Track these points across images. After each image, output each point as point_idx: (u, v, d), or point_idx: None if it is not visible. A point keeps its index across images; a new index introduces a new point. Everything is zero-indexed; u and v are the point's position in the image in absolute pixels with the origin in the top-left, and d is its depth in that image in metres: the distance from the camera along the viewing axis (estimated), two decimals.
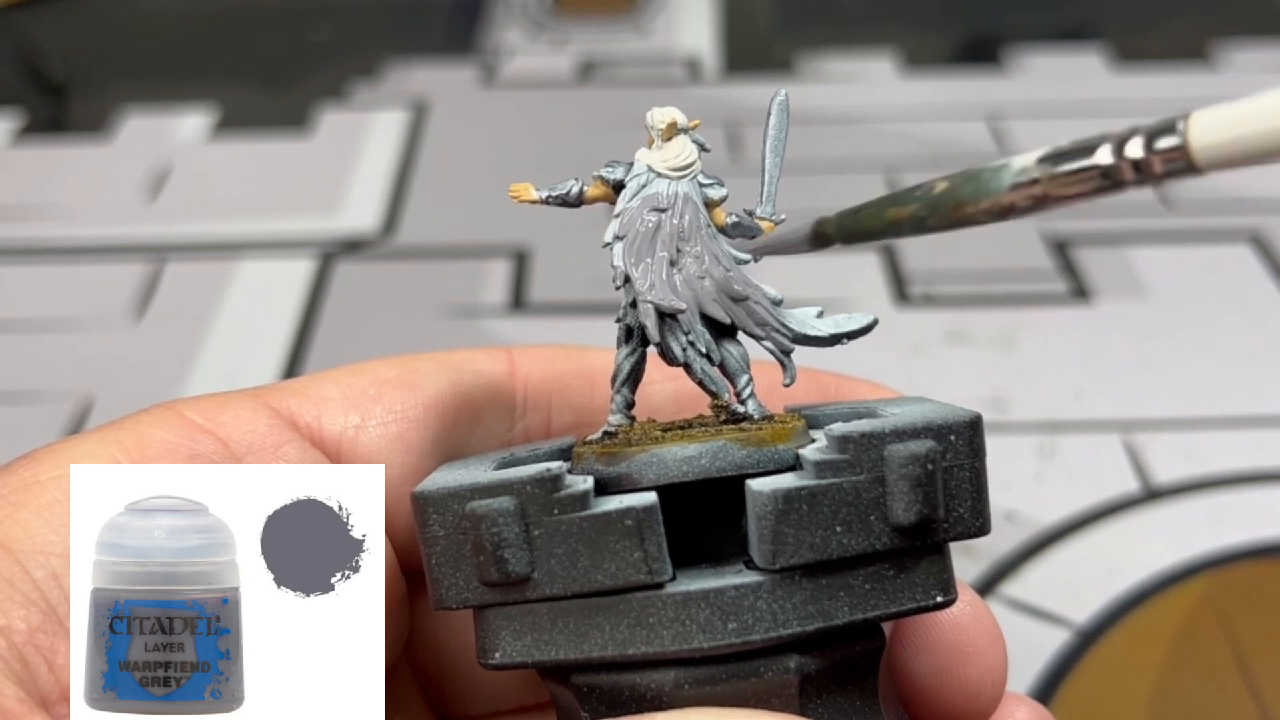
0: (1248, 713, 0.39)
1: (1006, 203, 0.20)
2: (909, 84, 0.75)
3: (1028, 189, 0.20)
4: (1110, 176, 0.19)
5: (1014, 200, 0.20)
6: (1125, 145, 0.19)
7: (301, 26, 0.84)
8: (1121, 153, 0.19)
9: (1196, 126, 0.19)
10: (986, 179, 0.21)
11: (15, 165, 0.70)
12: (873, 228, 0.22)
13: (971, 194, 0.21)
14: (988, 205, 0.21)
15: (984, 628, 0.27)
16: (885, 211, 0.22)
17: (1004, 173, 0.20)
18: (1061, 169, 0.20)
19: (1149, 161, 0.19)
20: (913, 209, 0.21)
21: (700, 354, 0.25)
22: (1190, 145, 0.18)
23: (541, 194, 0.26)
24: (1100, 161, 0.19)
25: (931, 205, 0.21)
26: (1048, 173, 0.20)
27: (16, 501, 0.23)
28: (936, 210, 0.21)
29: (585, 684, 0.23)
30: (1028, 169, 0.20)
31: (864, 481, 0.22)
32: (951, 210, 0.21)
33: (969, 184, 0.21)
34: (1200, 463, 0.47)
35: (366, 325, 0.57)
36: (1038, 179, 0.20)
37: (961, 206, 0.21)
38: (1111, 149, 0.19)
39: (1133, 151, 0.19)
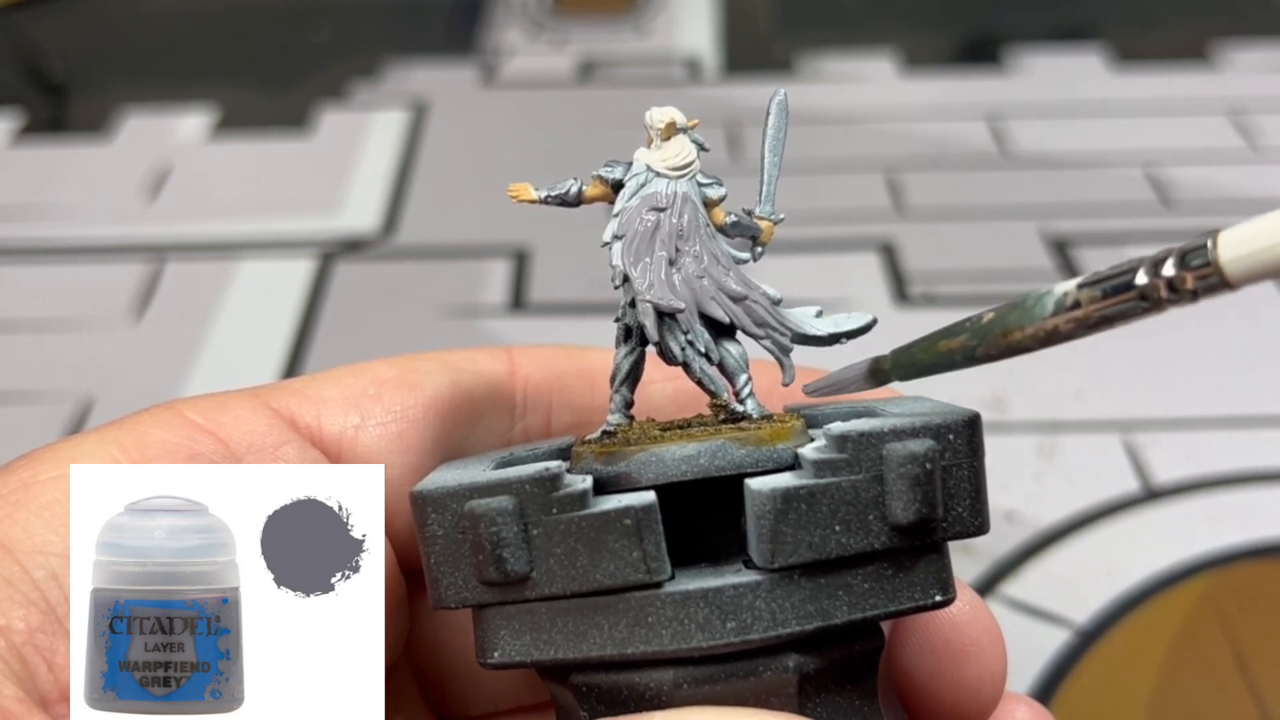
0: (1248, 713, 0.39)
1: (1050, 327, 0.21)
2: (909, 84, 0.75)
3: (1070, 313, 0.21)
4: (1148, 297, 0.20)
5: (1058, 325, 0.21)
6: (1160, 266, 0.20)
7: (301, 26, 0.84)
8: (1157, 273, 0.20)
9: (1225, 244, 0.19)
10: (1030, 306, 0.22)
11: (15, 165, 0.70)
12: (926, 360, 0.23)
13: (1017, 321, 0.22)
14: (1034, 330, 0.22)
15: (983, 627, 0.27)
16: (937, 344, 0.23)
17: (1047, 299, 0.21)
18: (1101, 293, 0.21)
19: (1182, 279, 0.20)
20: (962, 339, 0.22)
21: (699, 353, 0.25)
22: (1220, 262, 0.19)
23: (541, 194, 0.26)
24: (1138, 283, 0.20)
25: (980, 334, 0.22)
26: (1089, 296, 0.21)
27: (16, 502, 0.23)
28: (985, 339, 0.22)
29: (584, 683, 0.23)
30: (1069, 294, 0.21)
31: (863, 481, 0.22)
32: (1000, 338, 0.22)
33: (1014, 312, 0.22)
34: (1200, 463, 0.47)
35: (366, 325, 0.57)
36: (1079, 303, 0.21)
37: (1009, 334, 0.22)
38: (1147, 271, 0.20)
39: (1167, 272, 0.20)
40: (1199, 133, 0.68)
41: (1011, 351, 0.22)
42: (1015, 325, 0.22)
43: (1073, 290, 0.21)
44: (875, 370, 0.24)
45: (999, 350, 0.22)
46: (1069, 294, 0.21)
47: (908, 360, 0.24)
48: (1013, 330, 0.22)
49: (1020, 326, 0.22)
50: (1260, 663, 0.40)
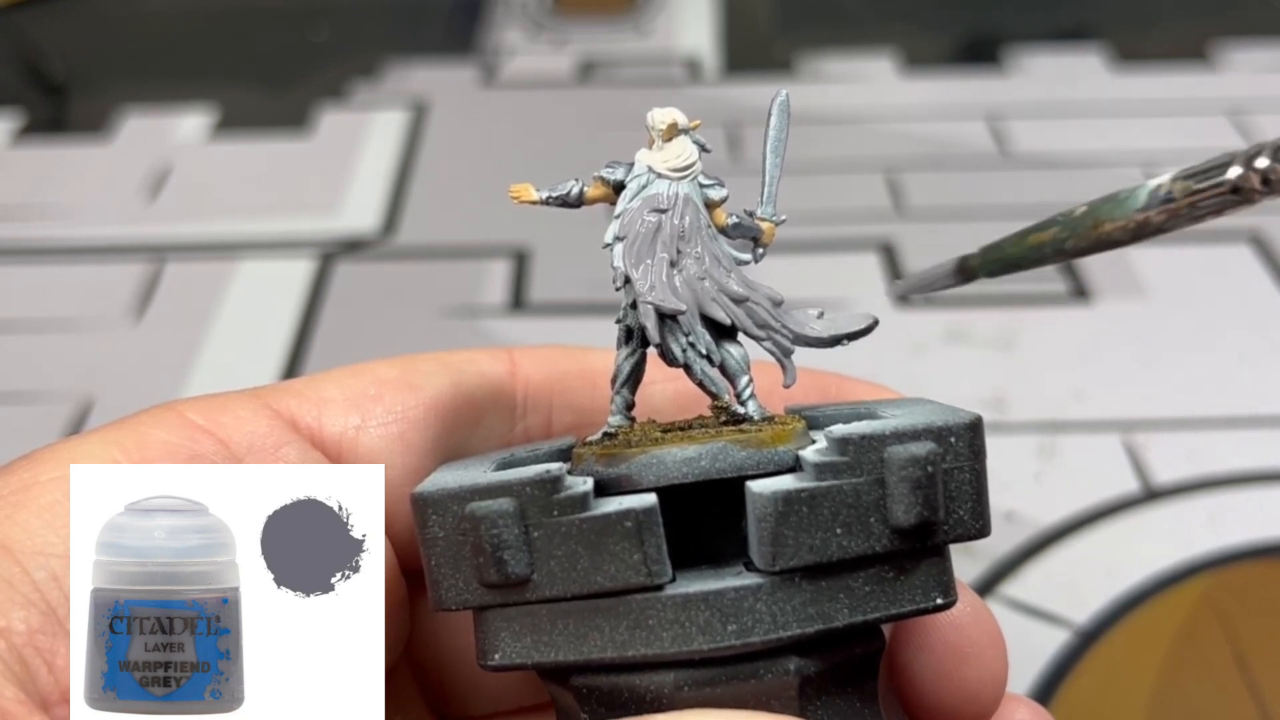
0: (1248, 713, 0.39)
1: (1142, 219, 0.22)
2: (909, 84, 0.75)
3: (1164, 205, 0.21)
4: (1240, 190, 0.21)
5: (1149, 217, 0.22)
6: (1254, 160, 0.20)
7: (301, 26, 0.84)
8: (1251, 166, 0.20)
9: None
10: (1124, 199, 0.22)
11: (15, 165, 0.70)
12: (1015, 255, 0.23)
13: (1109, 213, 0.22)
14: (1124, 222, 0.22)
15: (984, 629, 0.27)
16: (1027, 239, 0.23)
17: (1140, 191, 0.22)
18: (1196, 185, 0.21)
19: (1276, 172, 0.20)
20: (1053, 232, 0.23)
21: (700, 355, 0.25)
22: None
23: (542, 194, 0.26)
24: (1230, 176, 0.21)
25: (1071, 226, 0.22)
26: (1183, 188, 0.21)
27: (17, 502, 0.23)
28: (1076, 231, 0.22)
29: (585, 685, 0.23)
30: (1163, 186, 0.21)
31: (864, 483, 0.22)
32: (1091, 230, 0.22)
33: (1107, 204, 0.22)
34: (1200, 463, 0.47)
35: (366, 325, 0.57)
36: (1173, 196, 0.21)
37: (1100, 225, 0.22)
38: (1240, 163, 0.20)
39: (1261, 164, 0.20)
40: (1199, 133, 0.68)
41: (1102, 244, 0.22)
42: (1107, 216, 0.22)
43: (1166, 182, 0.21)
44: (963, 267, 0.24)
45: (1089, 242, 0.22)
46: (1163, 185, 0.21)
47: (996, 255, 0.24)
48: (1104, 221, 0.22)
49: (1112, 218, 0.22)
50: (1260, 663, 0.40)
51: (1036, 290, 0.57)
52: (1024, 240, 0.23)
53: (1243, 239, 0.59)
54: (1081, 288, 0.57)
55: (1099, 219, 0.22)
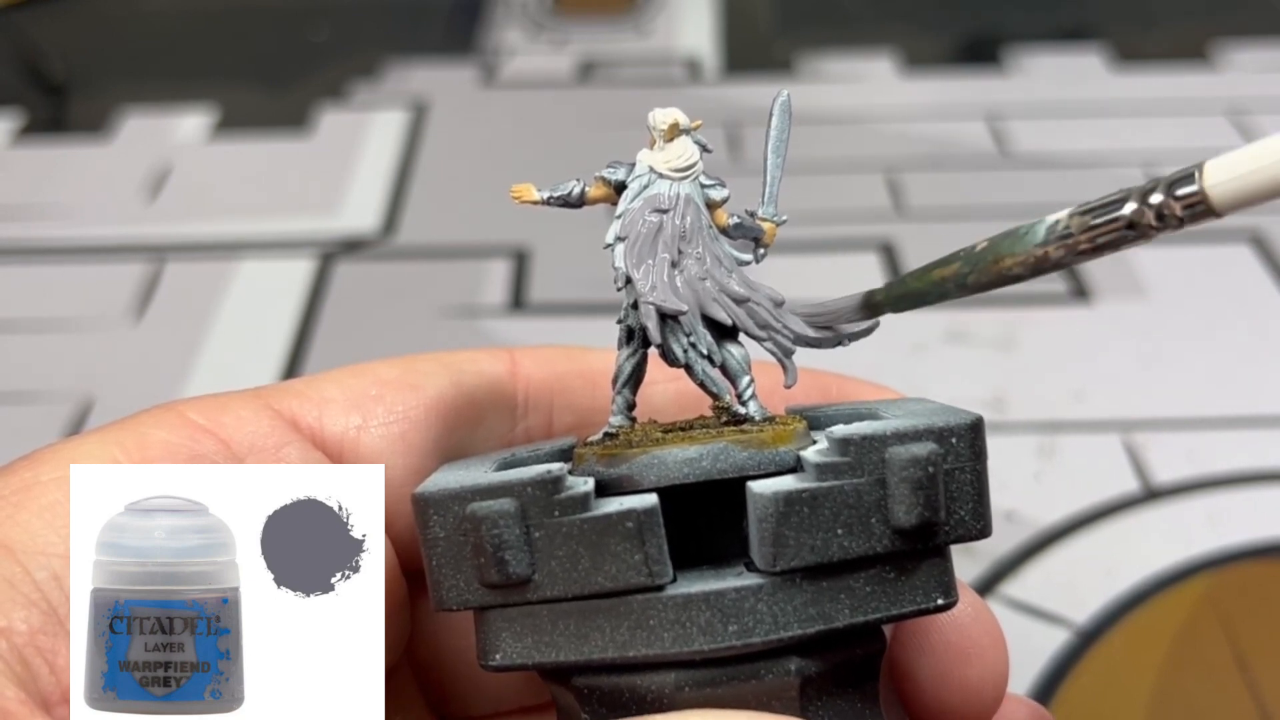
0: (1248, 713, 0.39)
1: (1041, 254, 0.22)
2: (909, 84, 0.75)
3: (1061, 241, 0.22)
4: (1135, 225, 0.21)
5: (1048, 252, 0.22)
6: (1149, 196, 0.21)
7: (301, 26, 0.84)
8: (1146, 201, 0.21)
9: (1210, 171, 0.20)
10: (1022, 234, 0.22)
11: (15, 165, 0.70)
12: (919, 289, 0.24)
13: (1009, 248, 0.22)
14: (1024, 257, 0.22)
15: (985, 629, 0.27)
16: (930, 274, 0.24)
17: (1039, 227, 0.22)
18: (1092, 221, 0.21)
19: (1170, 207, 0.21)
20: (955, 268, 0.23)
21: (701, 355, 0.25)
22: (1206, 189, 0.20)
23: (543, 195, 0.26)
24: (1126, 212, 0.21)
25: (973, 262, 0.23)
26: (1080, 224, 0.21)
27: (18, 502, 0.23)
28: (977, 266, 0.23)
29: (586, 685, 0.23)
30: (1061, 221, 0.22)
31: (865, 484, 0.22)
32: (992, 264, 0.23)
33: (1006, 240, 0.23)
34: (1200, 463, 0.48)
35: (366, 325, 0.57)
36: (1071, 231, 0.21)
37: (1000, 260, 0.22)
38: (1136, 199, 0.21)
39: (1155, 200, 0.21)
40: (1199, 133, 0.68)
41: (1003, 279, 0.23)
42: (1007, 252, 0.22)
43: (1064, 218, 0.22)
44: (869, 302, 0.25)
45: (990, 278, 0.23)
46: (1060, 221, 0.22)
47: (900, 291, 0.24)
48: (1004, 257, 0.22)
49: (1012, 253, 0.22)
50: (1260, 663, 0.40)
51: (1036, 290, 0.57)
52: (928, 275, 0.24)
53: (1243, 239, 0.59)
54: (1081, 288, 0.57)
55: (999, 254, 0.22)
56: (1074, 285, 0.57)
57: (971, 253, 0.23)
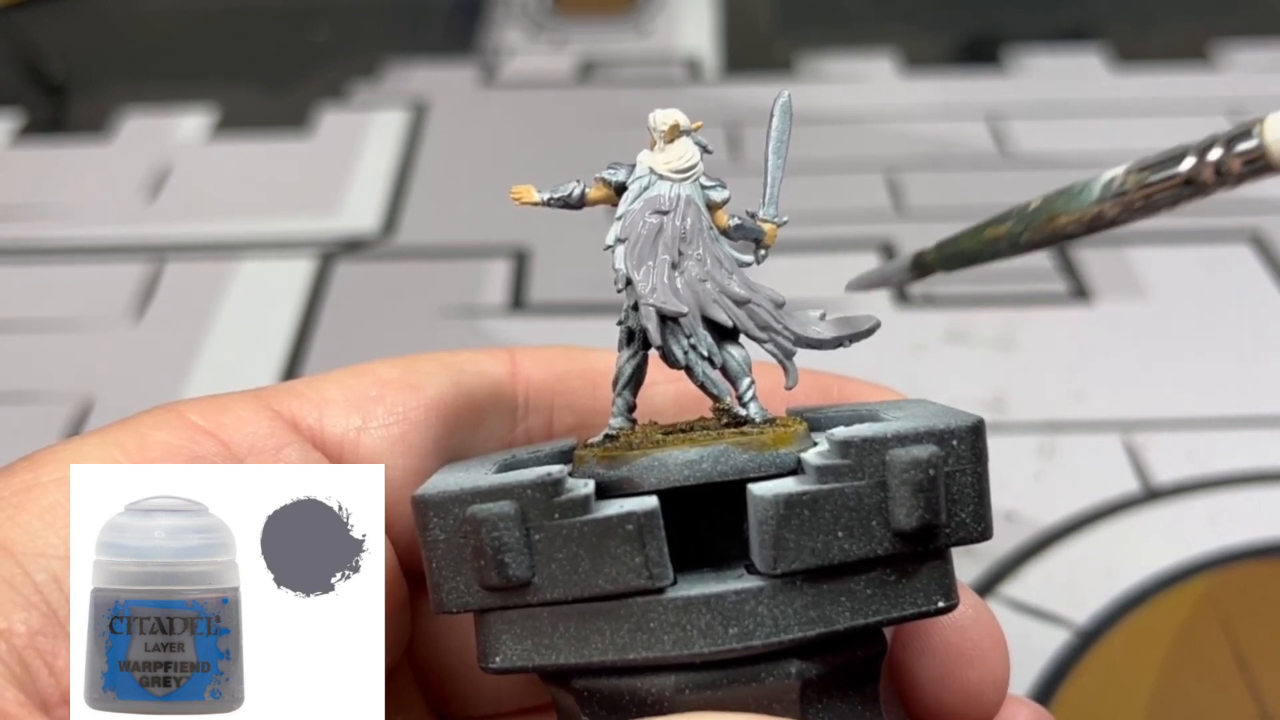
0: (1248, 713, 0.39)
1: (1096, 212, 0.22)
2: (909, 84, 0.75)
3: (1117, 198, 0.21)
4: (1193, 182, 0.21)
5: (1103, 209, 0.22)
6: (1207, 152, 0.20)
7: (301, 26, 0.84)
8: (1204, 159, 0.20)
9: (1271, 126, 0.20)
10: (1078, 191, 0.22)
11: (15, 165, 0.70)
12: (971, 249, 0.23)
13: (1063, 206, 0.22)
14: (1079, 215, 0.22)
15: (986, 630, 0.27)
16: (983, 233, 0.23)
17: (1094, 184, 0.22)
18: (1149, 178, 0.21)
19: (1229, 164, 0.20)
20: (1008, 226, 0.23)
21: (702, 357, 0.25)
22: (1267, 144, 0.20)
23: (543, 196, 0.26)
24: (1184, 169, 0.21)
25: (1026, 220, 0.22)
26: (1136, 181, 0.21)
27: (18, 504, 0.23)
28: (1031, 225, 0.22)
29: (586, 688, 0.23)
30: (1117, 179, 0.21)
31: (866, 486, 0.22)
32: (1045, 223, 0.22)
33: (1061, 197, 0.22)
34: (1200, 463, 0.47)
35: (366, 325, 0.57)
36: (1127, 188, 0.21)
37: (1055, 218, 0.22)
38: (1194, 156, 0.21)
39: (1213, 156, 0.20)
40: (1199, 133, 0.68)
41: (1057, 237, 0.22)
42: (1062, 209, 0.22)
43: (1120, 175, 0.21)
44: (919, 263, 0.24)
45: (1044, 236, 0.22)
46: (1116, 179, 0.21)
47: (952, 249, 0.24)
48: (1059, 215, 0.22)
49: (1066, 210, 0.22)
50: (1260, 663, 0.40)
51: (1036, 290, 0.57)
52: (980, 235, 0.23)
53: (1243, 239, 0.59)
54: (1081, 288, 0.57)
55: (1054, 212, 0.22)
56: (1074, 285, 0.57)
57: (1025, 211, 0.22)
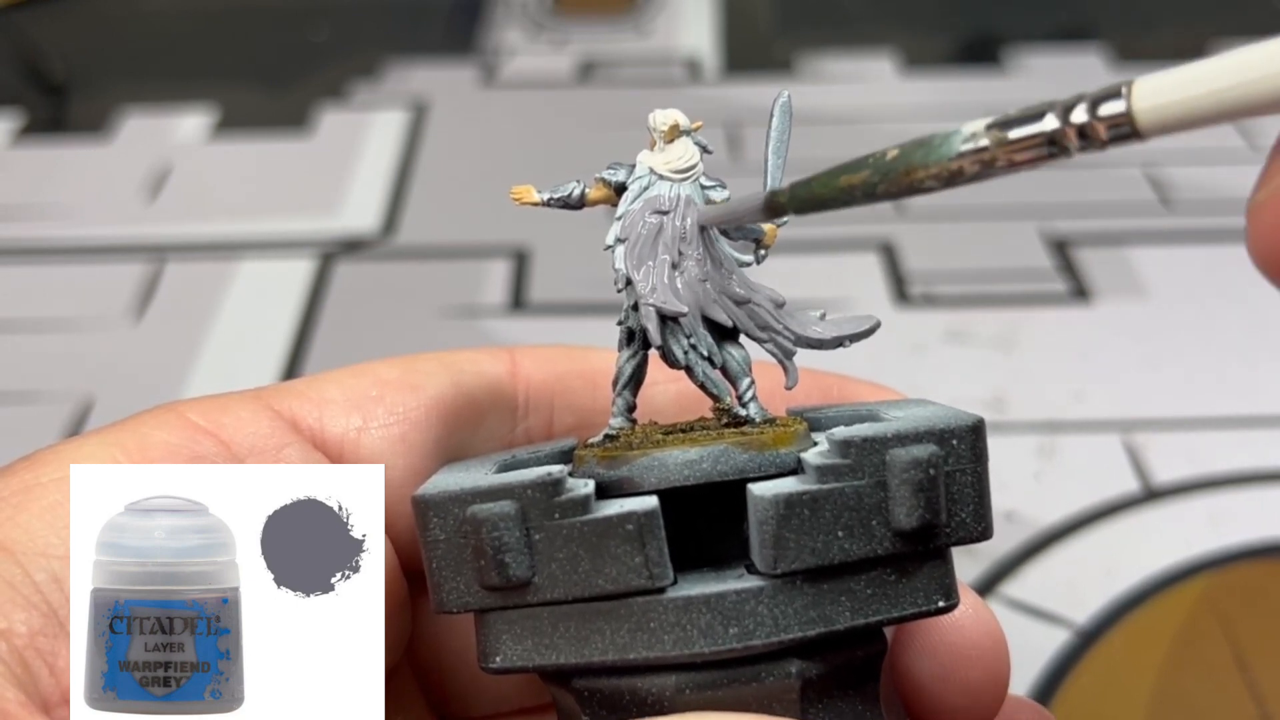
0: (1248, 713, 0.39)
1: (955, 168, 0.20)
2: (909, 84, 0.75)
3: (976, 155, 0.20)
4: (1056, 142, 0.20)
5: (962, 166, 0.20)
6: (1071, 112, 0.19)
7: (301, 26, 0.84)
8: (1068, 119, 0.19)
9: (1140, 91, 0.19)
10: (937, 145, 0.21)
11: (15, 165, 0.70)
12: (825, 195, 0.22)
13: (921, 159, 0.21)
14: (937, 170, 0.21)
15: (986, 630, 0.27)
16: (837, 179, 0.22)
17: (954, 138, 0.21)
18: (1010, 135, 0.20)
19: (1093, 127, 0.19)
20: (864, 175, 0.21)
21: (702, 357, 0.25)
22: (1134, 110, 0.19)
23: (543, 196, 0.26)
24: (1047, 128, 0.20)
25: (883, 171, 0.21)
26: (997, 138, 0.20)
27: (18, 504, 0.23)
28: (887, 176, 0.21)
29: (586, 688, 0.23)
30: (977, 134, 0.20)
31: (866, 486, 0.22)
32: (902, 175, 0.21)
33: (919, 150, 0.21)
34: (1200, 463, 0.48)
35: (366, 325, 0.57)
36: (987, 145, 0.20)
37: (912, 171, 0.21)
38: (1058, 115, 0.20)
39: (1078, 118, 0.19)
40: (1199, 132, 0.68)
41: (913, 190, 0.21)
42: (919, 163, 0.21)
43: (980, 130, 0.20)
44: (771, 204, 0.23)
45: (900, 188, 0.21)
46: (976, 134, 0.20)
47: (805, 194, 0.23)
48: (916, 168, 0.21)
49: (924, 164, 0.21)
50: (1260, 663, 0.40)
51: (1037, 290, 0.57)
52: (834, 181, 0.22)
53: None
54: (1082, 288, 0.57)
55: (911, 165, 0.21)
56: (1074, 285, 0.57)
57: (882, 161, 0.21)
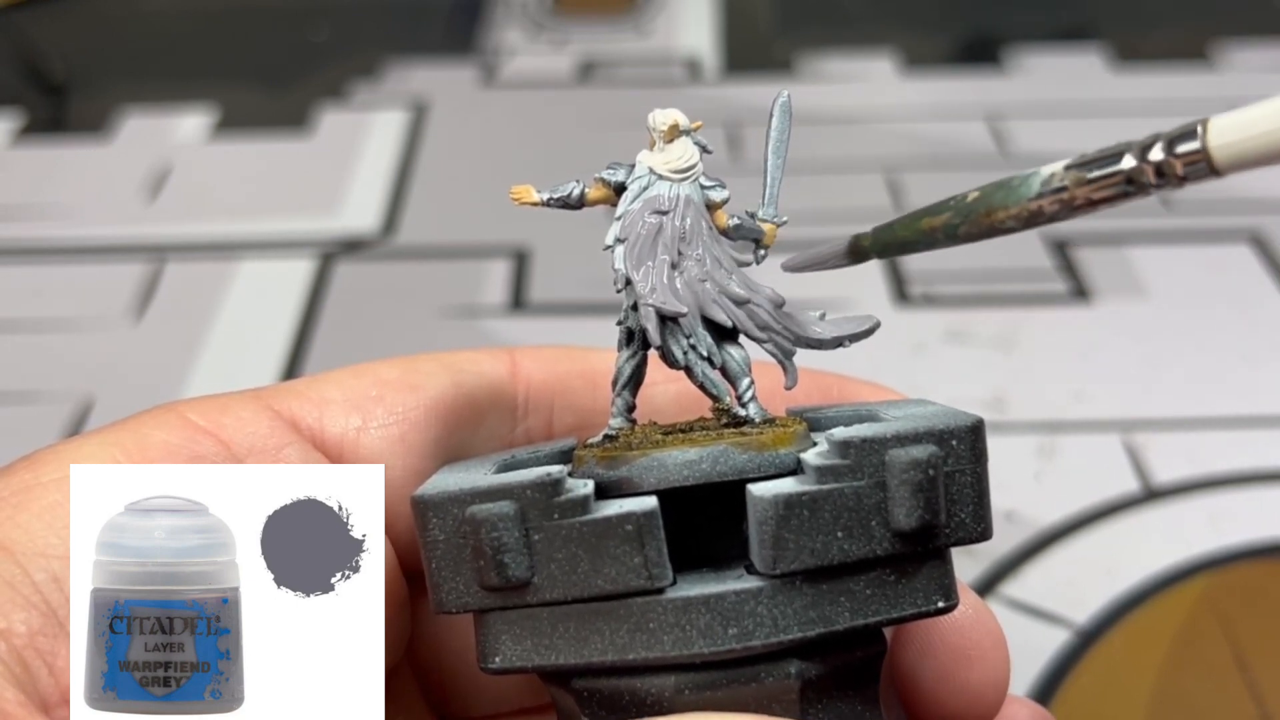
0: (1248, 713, 0.39)
1: (1035, 208, 0.21)
2: (909, 84, 0.75)
3: (1056, 195, 0.21)
4: (1134, 181, 0.20)
5: (1042, 206, 0.21)
6: (1148, 151, 0.20)
7: (301, 26, 0.84)
8: (1145, 158, 0.20)
9: (1215, 130, 0.19)
10: (1016, 185, 0.21)
11: (15, 165, 0.70)
12: (907, 238, 0.23)
13: (1002, 200, 0.21)
14: (1017, 211, 0.21)
15: (986, 630, 0.27)
16: (919, 222, 0.23)
17: (1033, 179, 0.21)
18: (1088, 175, 0.20)
19: (1170, 165, 0.20)
20: (945, 217, 0.22)
21: (701, 357, 0.25)
22: (1210, 148, 0.19)
23: (543, 196, 0.26)
24: (1125, 167, 0.20)
25: (964, 213, 0.22)
26: (1076, 178, 0.21)
27: (18, 504, 0.23)
28: (969, 218, 0.22)
29: (586, 688, 0.23)
30: (1056, 175, 0.21)
31: (865, 487, 0.22)
32: (983, 217, 0.22)
33: (999, 191, 0.21)
34: (1200, 463, 0.48)
35: (366, 325, 0.57)
36: (1066, 185, 0.20)
37: (993, 213, 0.21)
38: (1135, 155, 0.20)
39: (1155, 156, 0.20)
40: None
41: (994, 231, 0.22)
42: (1000, 204, 0.21)
43: (1059, 171, 0.21)
44: (855, 248, 0.24)
45: (981, 229, 0.22)
46: (1055, 175, 0.21)
47: (888, 237, 0.23)
48: (997, 209, 0.21)
49: (1005, 205, 0.21)
50: (1260, 663, 0.40)
51: (1037, 290, 0.57)
52: (916, 224, 0.23)
53: (1243, 239, 0.59)
54: (1082, 288, 0.57)
55: (992, 206, 0.21)
56: (1074, 285, 0.57)
57: (963, 203, 0.22)
